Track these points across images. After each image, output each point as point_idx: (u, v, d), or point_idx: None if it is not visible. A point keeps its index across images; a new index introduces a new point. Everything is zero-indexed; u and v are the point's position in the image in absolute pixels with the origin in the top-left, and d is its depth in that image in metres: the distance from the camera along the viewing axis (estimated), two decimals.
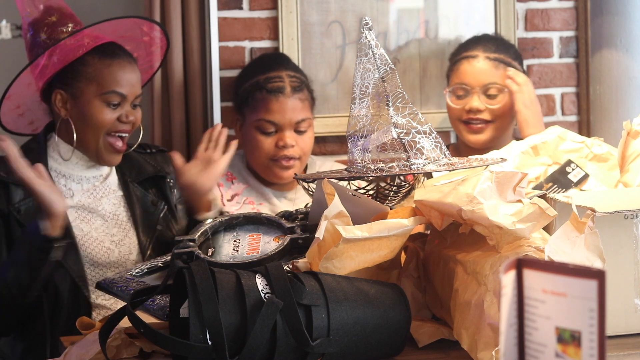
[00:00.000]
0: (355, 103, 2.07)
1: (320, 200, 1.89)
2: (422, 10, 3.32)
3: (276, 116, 2.90)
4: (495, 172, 1.70)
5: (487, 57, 3.00)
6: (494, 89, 2.97)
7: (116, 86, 2.48)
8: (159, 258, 2.18)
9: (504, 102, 2.97)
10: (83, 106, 2.48)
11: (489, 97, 2.98)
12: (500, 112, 2.97)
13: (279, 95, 2.90)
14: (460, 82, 3.01)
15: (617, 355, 1.65)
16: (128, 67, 2.52)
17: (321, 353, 1.62)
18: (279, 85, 2.91)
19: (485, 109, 2.97)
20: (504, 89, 2.97)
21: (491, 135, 2.98)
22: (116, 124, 2.49)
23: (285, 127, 2.90)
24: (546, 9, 3.41)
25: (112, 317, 1.68)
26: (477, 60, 3.00)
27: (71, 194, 2.50)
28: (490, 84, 2.97)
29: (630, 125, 2.14)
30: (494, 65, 2.99)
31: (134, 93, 2.51)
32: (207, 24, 3.12)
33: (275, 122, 2.90)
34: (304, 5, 3.21)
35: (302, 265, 1.79)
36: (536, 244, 1.64)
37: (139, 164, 2.62)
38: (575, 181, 2.31)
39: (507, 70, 2.99)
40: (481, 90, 2.97)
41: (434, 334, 1.77)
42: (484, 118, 2.97)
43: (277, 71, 2.95)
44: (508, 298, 1.14)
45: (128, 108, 2.50)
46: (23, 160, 2.22)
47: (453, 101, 3.01)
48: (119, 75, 2.49)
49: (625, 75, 3.27)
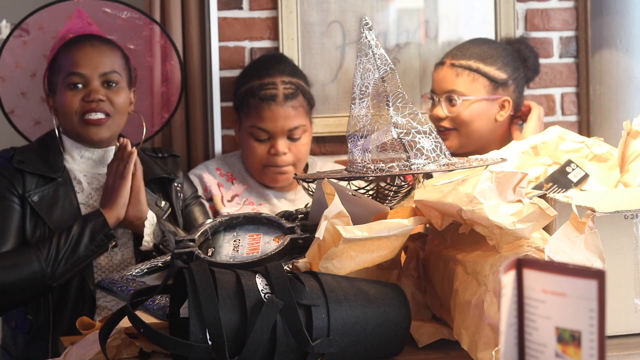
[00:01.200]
0: (355, 103, 2.07)
1: (320, 200, 1.89)
2: (422, 10, 3.32)
3: (268, 124, 2.89)
4: (495, 172, 1.70)
5: (452, 64, 2.95)
6: (454, 96, 2.93)
7: (75, 67, 2.52)
8: (159, 258, 2.19)
9: (464, 109, 2.94)
10: (57, 98, 2.56)
11: (451, 105, 2.94)
12: (459, 120, 2.92)
13: (270, 103, 2.89)
14: (431, 90, 3.01)
15: (617, 355, 1.65)
16: (89, 48, 2.55)
17: (321, 353, 1.62)
18: (272, 93, 2.90)
19: (446, 117, 2.94)
20: (464, 96, 2.93)
21: (458, 141, 2.93)
22: (83, 105, 2.51)
23: (277, 135, 2.89)
24: (546, 9, 3.41)
25: (112, 317, 1.68)
26: (442, 67, 2.98)
27: (81, 189, 2.53)
28: (450, 91, 2.93)
29: (630, 125, 2.14)
30: (455, 72, 2.93)
31: (97, 71, 2.52)
32: (207, 24, 3.12)
33: (267, 130, 2.89)
34: (304, 5, 3.21)
35: (302, 265, 1.79)
36: (536, 244, 1.64)
37: (148, 165, 2.62)
38: (575, 181, 2.31)
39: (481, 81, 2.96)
40: (444, 97, 2.95)
41: (434, 334, 1.77)
42: (445, 126, 2.94)
43: (271, 77, 2.93)
44: (508, 298, 1.14)
45: (93, 87, 2.52)
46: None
47: (428, 109, 3.02)
48: (77, 56, 2.53)
49: (625, 75, 3.27)
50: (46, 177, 2.49)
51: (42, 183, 2.48)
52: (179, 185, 2.66)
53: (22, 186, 2.47)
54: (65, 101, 2.51)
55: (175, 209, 2.62)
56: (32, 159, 2.51)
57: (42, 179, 2.49)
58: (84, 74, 2.51)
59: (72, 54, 2.54)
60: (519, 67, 3.04)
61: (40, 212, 2.44)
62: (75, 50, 2.54)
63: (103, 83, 2.52)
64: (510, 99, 2.98)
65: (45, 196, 2.47)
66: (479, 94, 2.94)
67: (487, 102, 2.96)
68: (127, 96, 2.57)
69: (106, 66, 2.53)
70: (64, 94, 2.51)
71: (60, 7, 2.70)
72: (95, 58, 2.53)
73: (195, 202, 2.72)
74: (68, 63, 2.53)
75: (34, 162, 2.50)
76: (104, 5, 2.75)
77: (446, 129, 2.94)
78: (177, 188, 2.65)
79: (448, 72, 2.95)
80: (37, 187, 2.48)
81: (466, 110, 2.92)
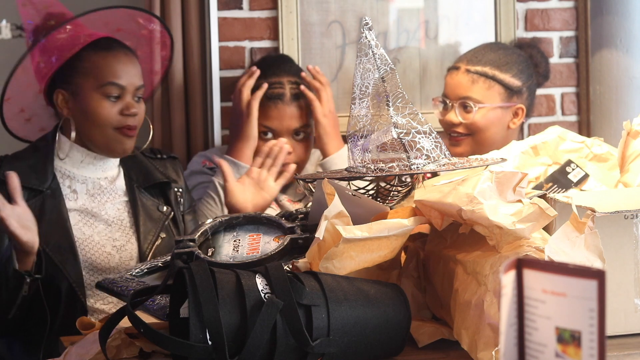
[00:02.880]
0: (355, 103, 2.07)
1: (320, 200, 1.89)
2: (422, 10, 3.32)
3: (274, 123, 2.90)
4: (495, 172, 1.70)
5: (468, 70, 2.95)
6: (469, 103, 2.92)
7: (113, 77, 2.46)
8: (159, 258, 2.18)
9: (480, 117, 2.94)
10: (83, 102, 2.48)
11: (466, 111, 2.93)
12: (475, 127, 2.92)
13: (277, 102, 2.89)
14: (443, 94, 3.00)
15: (617, 355, 1.65)
16: (124, 58, 2.50)
17: (321, 353, 1.62)
18: (279, 92, 2.91)
19: (460, 123, 2.94)
20: (478, 105, 2.93)
21: (471, 147, 2.93)
22: (120, 118, 2.47)
23: (282, 134, 2.89)
24: (546, 9, 3.41)
25: (112, 317, 1.68)
26: (457, 72, 2.97)
27: (75, 197, 2.49)
28: (465, 98, 2.92)
29: (630, 125, 2.14)
30: (471, 79, 2.92)
31: (133, 84, 2.48)
32: (207, 24, 3.12)
33: (273, 129, 2.90)
34: (304, 5, 3.21)
35: (302, 265, 1.79)
36: (536, 244, 1.64)
37: (148, 169, 2.60)
38: (575, 181, 2.31)
39: None
40: (458, 103, 2.95)
41: (434, 334, 1.77)
42: (459, 131, 2.94)
43: (278, 77, 2.94)
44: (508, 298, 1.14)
45: (129, 100, 2.48)
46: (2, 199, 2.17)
47: (439, 113, 3.00)
48: (116, 66, 2.48)
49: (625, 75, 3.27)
50: (34, 189, 2.44)
51: (31, 196, 2.41)
52: (179, 190, 2.64)
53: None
54: (102, 112, 2.45)
55: (176, 214, 2.60)
56: (21, 169, 2.41)
57: (30, 191, 2.42)
58: (124, 85, 2.47)
59: (110, 63, 2.48)
60: (532, 75, 3.04)
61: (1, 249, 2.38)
62: (112, 58, 2.48)
63: (134, 96, 2.50)
64: (523, 107, 2.98)
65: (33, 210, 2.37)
66: (494, 101, 2.94)
67: (501, 109, 2.96)
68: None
69: (139, 80, 2.50)
70: (100, 103, 2.46)
71: (99, 15, 2.62)
72: (132, 70, 2.49)
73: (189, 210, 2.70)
74: (105, 71, 2.47)
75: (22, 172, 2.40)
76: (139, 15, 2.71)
77: (460, 134, 2.93)
78: (177, 193, 2.63)
79: (463, 78, 2.95)
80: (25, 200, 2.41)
81: (482, 118, 2.92)
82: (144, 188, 2.56)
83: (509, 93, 2.96)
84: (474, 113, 2.91)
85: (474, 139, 2.94)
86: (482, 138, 2.94)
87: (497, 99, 2.94)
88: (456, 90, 2.94)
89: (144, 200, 2.54)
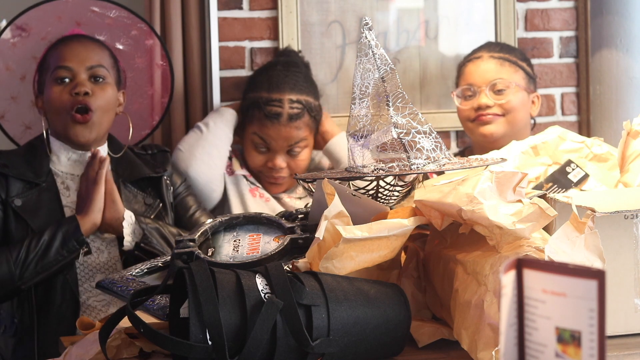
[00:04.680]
0: (355, 103, 2.07)
1: (320, 200, 1.89)
2: (422, 10, 3.32)
3: (269, 139, 2.90)
4: (495, 172, 1.70)
5: (492, 56, 3.00)
6: (501, 84, 2.97)
7: (61, 62, 2.53)
8: (158, 258, 2.19)
9: (512, 96, 2.97)
10: (45, 95, 2.55)
11: (497, 93, 2.98)
12: (509, 106, 2.96)
13: (274, 122, 2.89)
14: (467, 83, 3.00)
15: (617, 355, 1.65)
16: (76, 43, 2.57)
17: (321, 353, 1.62)
18: (277, 112, 2.90)
19: (494, 105, 2.97)
20: (511, 83, 2.97)
21: (503, 127, 2.96)
22: (71, 99, 2.50)
23: (277, 150, 2.91)
24: (546, 9, 3.41)
25: (112, 317, 1.68)
26: (481, 59, 3.01)
27: (68, 193, 2.53)
28: (497, 79, 2.97)
29: (630, 125, 2.14)
30: (499, 62, 2.99)
31: (83, 64, 2.52)
32: (207, 24, 3.12)
33: (268, 144, 2.91)
34: (304, 5, 3.21)
35: (302, 265, 1.79)
36: (536, 244, 1.64)
37: (135, 165, 2.63)
38: (575, 181, 2.31)
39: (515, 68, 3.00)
40: (488, 87, 2.97)
41: (434, 334, 1.77)
42: (494, 112, 2.97)
43: (280, 92, 2.92)
44: (508, 298, 1.14)
45: (79, 80, 2.51)
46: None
47: (462, 103, 3.01)
48: (64, 51, 2.54)
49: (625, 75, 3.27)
50: (30, 182, 2.48)
51: (27, 188, 2.48)
52: (168, 178, 2.67)
53: (5, 190, 2.47)
54: (53, 96, 2.51)
55: (166, 203, 2.63)
56: (17, 163, 2.50)
57: (26, 183, 2.48)
58: (71, 67, 2.52)
59: (60, 50, 2.55)
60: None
61: (25, 215, 2.44)
62: (63, 47, 2.56)
63: (90, 77, 2.52)
64: (539, 95, 3.06)
65: (29, 201, 2.46)
66: (521, 83, 3.01)
67: (527, 94, 3.03)
68: (114, 94, 2.57)
69: (93, 60, 2.53)
70: (52, 89, 2.52)
71: (50, 7, 2.69)
72: (82, 52, 2.54)
73: (185, 192, 2.73)
74: (55, 59, 2.53)
75: (19, 166, 2.49)
76: (93, 4, 2.74)
77: (495, 115, 2.96)
78: (166, 182, 2.66)
79: (490, 63, 3.00)
80: (20, 192, 2.47)
81: (514, 97, 2.97)
82: (131, 182, 2.59)
83: (528, 80, 3.03)
84: (510, 90, 2.96)
85: (506, 119, 2.98)
86: (515, 118, 2.98)
87: (522, 82, 3.01)
88: (485, 75, 2.99)
89: (127, 194, 2.57)
